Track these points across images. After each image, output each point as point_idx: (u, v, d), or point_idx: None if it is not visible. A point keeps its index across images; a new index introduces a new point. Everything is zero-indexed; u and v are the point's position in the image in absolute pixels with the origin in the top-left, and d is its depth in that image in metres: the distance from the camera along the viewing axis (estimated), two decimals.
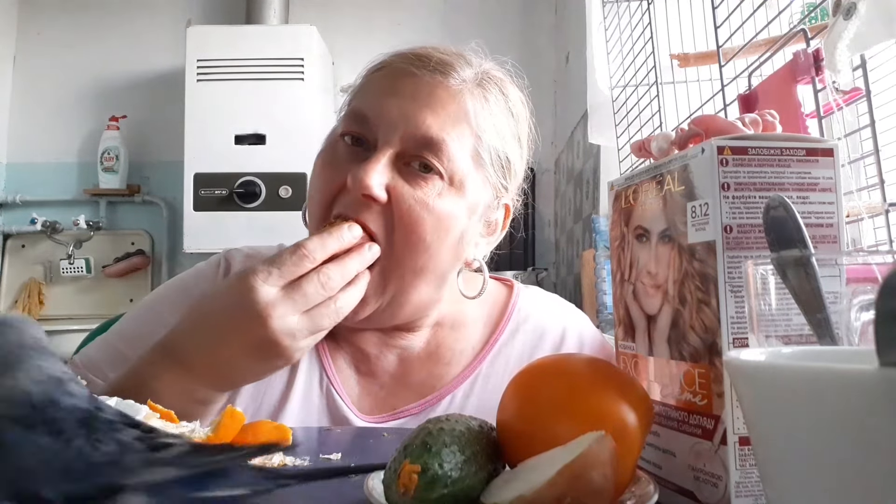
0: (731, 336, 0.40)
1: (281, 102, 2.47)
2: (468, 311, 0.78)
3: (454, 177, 0.67)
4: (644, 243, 0.49)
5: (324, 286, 0.60)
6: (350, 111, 0.71)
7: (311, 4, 2.93)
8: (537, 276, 2.39)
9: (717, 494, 0.41)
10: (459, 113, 0.68)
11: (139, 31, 2.96)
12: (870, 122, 0.76)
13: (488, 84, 0.71)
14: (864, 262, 0.38)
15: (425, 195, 0.66)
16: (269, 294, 0.58)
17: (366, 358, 0.75)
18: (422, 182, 0.66)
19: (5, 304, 2.84)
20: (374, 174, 0.64)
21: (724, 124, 0.57)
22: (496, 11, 2.94)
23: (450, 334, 0.77)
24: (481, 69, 0.72)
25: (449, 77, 0.68)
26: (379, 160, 0.65)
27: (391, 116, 0.66)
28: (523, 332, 0.78)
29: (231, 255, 0.81)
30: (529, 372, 0.47)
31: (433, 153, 0.66)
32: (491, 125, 0.70)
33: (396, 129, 0.66)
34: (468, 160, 0.68)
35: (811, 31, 0.82)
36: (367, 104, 0.69)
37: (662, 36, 1.35)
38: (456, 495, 0.37)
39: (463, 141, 0.67)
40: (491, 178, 0.71)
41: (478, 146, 0.69)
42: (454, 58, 0.71)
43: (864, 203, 0.78)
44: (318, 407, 0.73)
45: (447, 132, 0.66)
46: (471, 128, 0.68)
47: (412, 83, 0.68)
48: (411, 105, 0.66)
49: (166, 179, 2.85)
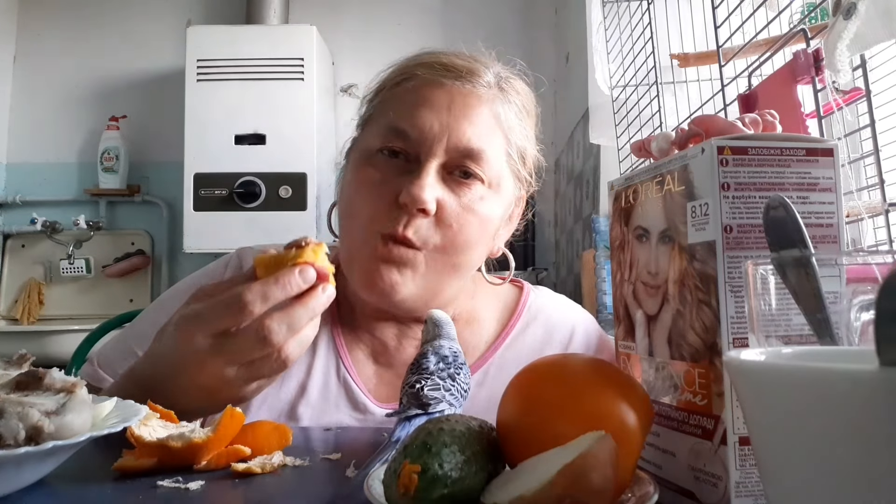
0: (731, 336, 0.40)
1: (281, 102, 2.47)
2: (481, 308, 0.83)
3: (493, 180, 0.73)
4: (644, 243, 0.49)
5: (263, 340, 0.56)
6: (387, 126, 0.72)
7: (311, 4, 2.93)
8: (537, 276, 2.39)
9: (717, 494, 0.41)
10: (491, 119, 0.73)
11: (139, 31, 2.96)
12: (870, 122, 0.76)
13: (507, 86, 0.76)
14: (864, 262, 0.38)
15: (470, 201, 0.71)
16: (201, 344, 0.58)
17: (385, 349, 0.80)
18: (466, 189, 0.71)
19: (5, 303, 2.84)
20: (428, 189, 0.68)
21: (724, 124, 0.57)
22: (496, 11, 2.94)
23: (465, 328, 0.80)
24: (498, 72, 0.76)
25: (477, 85, 0.73)
26: (429, 173, 0.69)
27: (433, 131, 0.70)
28: (534, 328, 0.82)
29: (243, 252, 0.83)
30: (529, 372, 0.47)
31: (475, 161, 0.71)
32: (515, 124, 0.75)
33: (439, 143, 0.70)
34: (503, 162, 0.74)
35: (811, 31, 0.82)
36: (404, 119, 0.71)
37: (662, 36, 1.35)
38: (456, 495, 0.37)
39: (497, 145, 0.73)
40: (518, 174, 0.77)
41: (507, 147, 0.74)
42: (476, 64, 0.75)
43: (864, 203, 0.78)
44: (336, 395, 0.76)
45: (485, 140, 0.71)
46: (501, 131, 0.74)
47: (446, 95, 0.72)
48: (449, 117, 0.70)
49: (166, 179, 2.85)
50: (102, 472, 0.51)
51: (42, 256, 2.88)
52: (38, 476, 0.47)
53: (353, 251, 0.74)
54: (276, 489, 0.48)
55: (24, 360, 0.53)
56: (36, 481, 0.47)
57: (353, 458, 0.56)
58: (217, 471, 0.51)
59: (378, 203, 0.70)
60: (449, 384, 0.57)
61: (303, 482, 0.51)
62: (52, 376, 0.48)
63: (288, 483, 0.50)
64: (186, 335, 0.58)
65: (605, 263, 1.71)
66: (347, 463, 0.54)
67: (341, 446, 0.62)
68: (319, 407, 0.76)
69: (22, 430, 0.43)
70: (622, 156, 1.53)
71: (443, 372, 0.58)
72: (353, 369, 0.78)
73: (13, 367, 0.52)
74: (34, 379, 0.48)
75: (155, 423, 0.53)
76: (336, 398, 0.76)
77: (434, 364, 0.59)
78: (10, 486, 0.45)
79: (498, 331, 0.82)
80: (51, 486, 0.48)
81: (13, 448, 0.42)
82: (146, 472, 0.50)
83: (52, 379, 0.48)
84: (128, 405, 0.55)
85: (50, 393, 0.47)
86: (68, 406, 0.46)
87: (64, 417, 0.45)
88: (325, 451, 0.58)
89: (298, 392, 0.76)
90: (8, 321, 2.80)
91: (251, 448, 0.52)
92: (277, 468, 0.52)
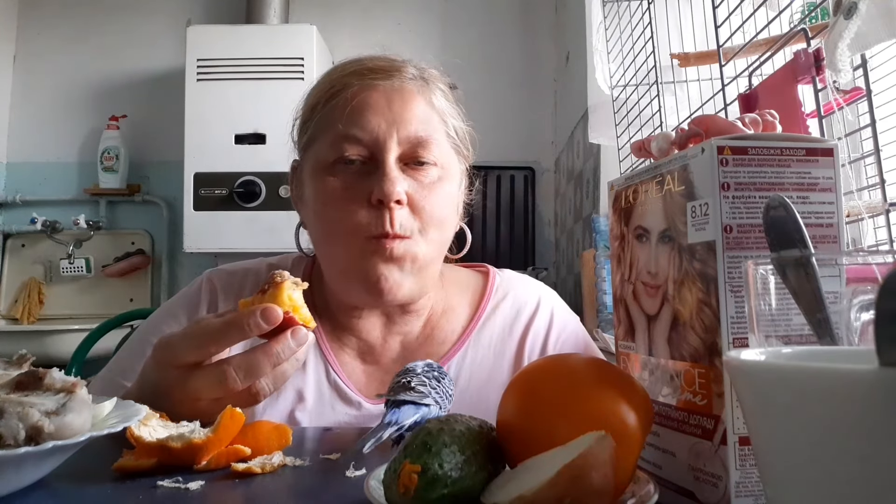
0: (731, 336, 0.40)
1: (281, 102, 2.44)
2: (452, 297, 0.88)
3: (443, 161, 0.78)
4: (644, 243, 0.49)
5: (220, 384, 0.58)
6: (338, 137, 0.75)
7: (311, 4, 2.93)
8: (537, 275, 2.37)
9: (717, 494, 0.41)
10: (427, 107, 0.78)
11: (139, 31, 2.96)
12: (870, 122, 0.76)
13: (427, 75, 0.82)
14: (864, 262, 0.37)
15: (431, 183, 0.76)
16: (172, 374, 0.60)
17: (371, 349, 0.83)
18: (424, 174, 0.76)
19: (5, 303, 2.84)
20: (396, 181, 0.73)
21: (724, 124, 0.57)
22: (496, 11, 2.94)
23: (441, 318, 0.86)
24: (416, 65, 0.82)
25: (405, 80, 0.78)
26: (391, 168, 0.74)
27: (382, 129, 0.74)
28: (503, 307, 0.88)
29: (212, 276, 0.86)
30: (529, 372, 0.47)
31: (425, 148, 0.76)
32: (446, 106, 0.81)
33: (391, 138, 0.75)
34: (446, 143, 0.80)
35: (812, 31, 0.82)
36: (353, 126, 0.75)
37: (663, 35, 1.35)
38: (456, 495, 0.37)
39: (438, 129, 0.79)
40: (458, 150, 0.83)
41: (446, 129, 0.80)
42: (396, 62, 0.80)
43: (864, 203, 0.78)
44: (329, 397, 0.80)
45: (429, 127, 0.77)
46: (437, 115, 0.79)
47: (382, 95, 0.76)
48: (392, 114, 0.75)
49: (166, 179, 2.85)
50: (102, 472, 0.51)
51: (42, 256, 2.88)
52: (38, 476, 0.47)
53: (346, 263, 0.75)
54: (276, 489, 0.48)
55: (24, 360, 0.53)
56: (36, 481, 0.47)
57: (354, 458, 0.55)
58: (217, 471, 0.51)
59: (354, 209, 0.73)
60: (434, 384, 0.61)
61: (303, 482, 0.51)
62: (52, 376, 0.48)
63: (288, 483, 0.50)
64: (160, 363, 0.61)
65: (605, 263, 1.71)
66: (347, 463, 0.53)
67: (341, 446, 0.62)
68: (316, 411, 0.78)
69: (22, 430, 0.43)
70: (622, 156, 1.53)
71: (429, 373, 0.62)
72: (342, 372, 0.81)
73: (13, 367, 0.52)
74: (34, 379, 0.48)
75: (155, 423, 0.53)
76: (330, 400, 0.79)
77: (421, 367, 0.63)
78: (10, 486, 0.45)
79: (470, 315, 0.87)
80: (51, 486, 0.48)
81: (13, 448, 0.42)
82: (146, 472, 0.50)
83: (52, 379, 0.48)
84: (128, 405, 0.55)
85: (50, 393, 0.47)
86: (68, 406, 0.46)
87: (64, 417, 0.45)
88: (324, 451, 0.58)
89: (296, 399, 0.79)
90: (8, 321, 2.80)
91: (251, 448, 0.52)
92: (277, 468, 0.52)
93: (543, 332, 0.86)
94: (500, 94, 2.85)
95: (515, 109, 2.85)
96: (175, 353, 0.60)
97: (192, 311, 0.83)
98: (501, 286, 0.90)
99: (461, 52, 2.96)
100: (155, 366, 0.62)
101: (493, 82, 2.86)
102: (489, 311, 0.87)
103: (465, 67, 3.57)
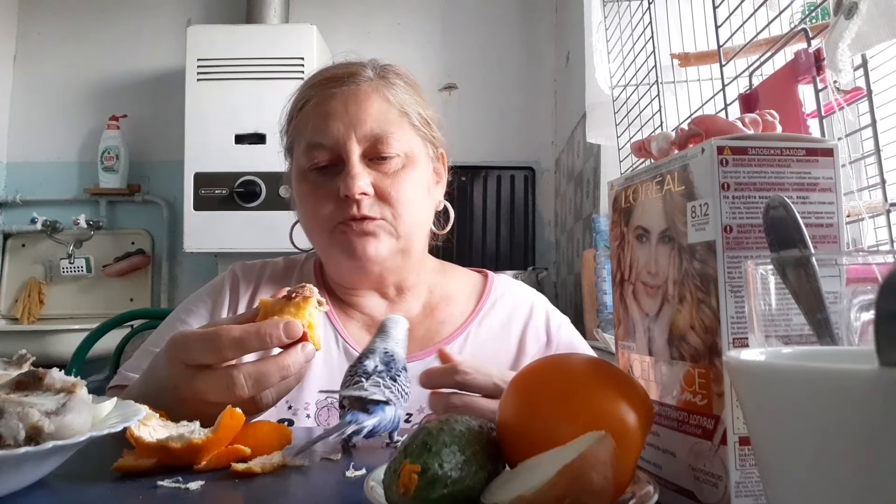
0: (731, 336, 0.40)
1: (281, 102, 2.45)
2: (453, 285, 0.96)
3: (405, 151, 0.85)
4: (644, 243, 0.49)
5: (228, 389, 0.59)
6: (307, 145, 0.85)
7: (311, 4, 2.93)
8: (537, 275, 2.38)
9: (717, 494, 0.41)
10: (384, 104, 0.85)
11: (139, 31, 2.95)
12: (871, 122, 0.76)
13: (385, 73, 0.89)
14: (864, 262, 0.37)
15: (395, 172, 0.84)
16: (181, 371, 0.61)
17: (375, 322, 0.90)
18: (387, 166, 0.84)
19: (5, 303, 2.84)
20: (359, 177, 0.81)
21: (724, 124, 0.57)
22: (496, 11, 2.94)
23: (441, 302, 0.94)
24: (375, 65, 0.89)
25: (360, 83, 0.86)
26: (354, 165, 0.82)
27: (341, 132, 0.83)
28: (501, 305, 0.95)
29: (235, 267, 0.96)
30: (529, 372, 0.47)
31: (384, 143, 0.83)
32: (407, 98, 0.88)
33: (351, 139, 0.83)
34: (410, 133, 0.87)
35: (812, 31, 0.82)
36: (317, 134, 0.84)
37: (663, 35, 1.35)
38: (456, 495, 0.37)
39: (396, 122, 0.85)
40: (426, 137, 0.90)
41: (409, 119, 0.87)
42: (353, 67, 0.88)
43: (864, 203, 0.78)
44: (338, 360, 0.86)
45: (386, 123, 0.84)
46: (396, 109, 0.86)
47: (339, 101, 0.84)
48: (349, 116, 0.83)
49: (166, 179, 2.85)
50: (102, 472, 0.51)
51: (42, 256, 2.88)
52: (38, 476, 0.47)
53: (327, 245, 0.85)
54: (276, 489, 0.48)
55: (24, 360, 0.53)
56: (36, 481, 0.47)
57: (353, 458, 0.55)
58: (217, 471, 0.51)
59: (327, 203, 0.83)
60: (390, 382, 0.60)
61: (303, 482, 0.51)
62: (52, 376, 0.48)
63: (288, 483, 0.50)
64: (172, 358, 0.62)
65: (606, 263, 1.71)
66: (347, 463, 0.54)
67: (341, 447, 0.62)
68: (325, 371, 0.85)
69: (22, 430, 0.43)
70: (622, 156, 1.53)
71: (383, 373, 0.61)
72: (351, 339, 0.88)
73: (13, 367, 0.52)
74: (34, 379, 0.48)
75: (155, 424, 0.53)
76: (338, 364, 0.86)
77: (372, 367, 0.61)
78: (10, 486, 0.45)
79: (471, 308, 0.94)
80: (51, 486, 0.48)
81: (13, 448, 0.42)
82: (146, 472, 0.50)
83: (52, 379, 0.48)
84: (128, 405, 0.55)
85: (50, 393, 0.47)
86: (68, 406, 0.46)
87: (64, 417, 0.45)
88: (325, 451, 0.58)
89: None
90: (8, 321, 2.80)
91: (251, 448, 0.52)
92: (277, 468, 0.52)
93: (543, 322, 0.93)
94: (500, 94, 2.85)
95: (515, 109, 2.85)
96: (189, 353, 0.60)
97: (216, 296, 0.92)
98: (499, 287, 0.97)
99: (461, 52, 2.97)
100: (166, 361, 0.62)
101: (493, 82, 2.86)
102: (488, 306, 0.94)
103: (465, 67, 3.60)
